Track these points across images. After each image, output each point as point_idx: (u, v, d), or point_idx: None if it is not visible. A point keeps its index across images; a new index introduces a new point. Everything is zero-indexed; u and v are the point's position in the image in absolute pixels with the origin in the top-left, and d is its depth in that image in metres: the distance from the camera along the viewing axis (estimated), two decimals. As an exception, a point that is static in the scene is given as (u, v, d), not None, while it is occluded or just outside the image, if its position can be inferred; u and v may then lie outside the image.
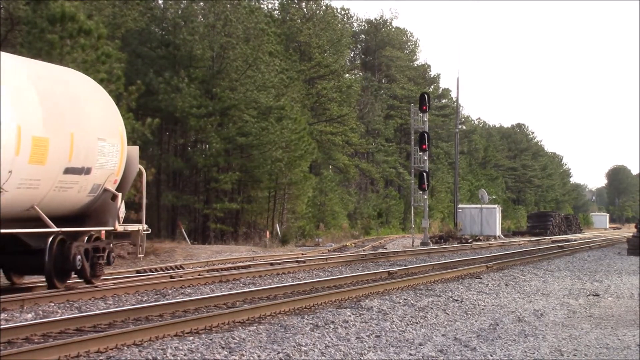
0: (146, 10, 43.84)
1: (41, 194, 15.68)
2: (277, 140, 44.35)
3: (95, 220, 17.41)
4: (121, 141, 17.81)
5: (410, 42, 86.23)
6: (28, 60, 16.88)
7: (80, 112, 16.63)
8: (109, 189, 17.48)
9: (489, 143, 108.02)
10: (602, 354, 11.54)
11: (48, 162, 15.49)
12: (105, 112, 17.62)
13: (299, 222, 49.65)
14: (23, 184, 15.08)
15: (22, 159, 14.86)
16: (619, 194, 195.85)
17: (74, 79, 17.47)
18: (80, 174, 16.47)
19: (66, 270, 16.60)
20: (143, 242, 18.43)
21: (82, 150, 16.38)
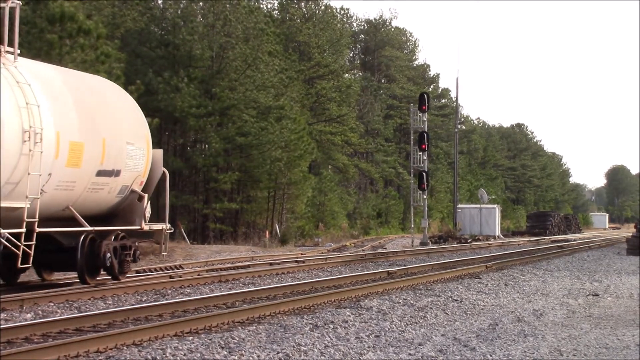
0: (145, 10, 43.83)
1: (76, 195, 16.72)
2: (277, 140, 44.34)
3: (123, 219, 18.40)
4: (147, 145, 18.84)
5: (409, 42, 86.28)
6: (62, 69, 17.95)
7: (110, 118, 17.71)
8: (136, 190, 18.51)
9: (489, 143, 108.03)
10: (601, 353, 11.54)
11: (83, 165, 16.59)
12: (132, 118, 18.70)
13: (299, 222, 49.65)
14: (60, 185, 16.11)
15: (60, 162, 15.90)
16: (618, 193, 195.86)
17: (104, 87, 18.63)
18: (110, 176, 17.54)
19: (96, 266, 17.55)
20: (166, 241, 19.44)
21: (113, 154, 17.46)
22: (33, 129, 15.10)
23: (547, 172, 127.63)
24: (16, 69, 15.62)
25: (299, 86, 53.45)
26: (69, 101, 16.44)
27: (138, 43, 42.58)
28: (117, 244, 17.96)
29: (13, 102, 14.94)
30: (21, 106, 15.05)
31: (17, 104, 14.99)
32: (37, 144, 15.18)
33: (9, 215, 15.03)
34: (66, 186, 16.32)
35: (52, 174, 15.69)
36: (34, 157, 15.11)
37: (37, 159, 15.16)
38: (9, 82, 15.12)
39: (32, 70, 16.08)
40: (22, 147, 14.95)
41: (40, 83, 15.82)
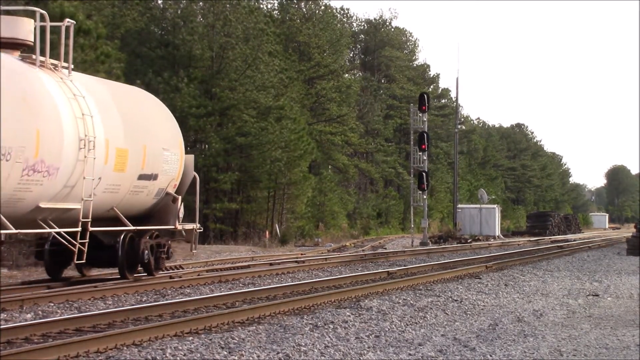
0: (145, 10, 43.82)
1: (120, 197, 18.23)
2: (277, 140, 44.34)
3: (158, 219, 19.77)
4: (180, 151, 20.31)
5: (409, 42, 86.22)
6: (107, 82, 19.76)
7: (149, 126, 19.26)
8: (170, 193, 19.88)
9: (489, 143, 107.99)
10: (601, 354, 11.54)
11: (127, 170, 18.11)
12: (168, 126, 20.25)
13: (299, 222, 49.64)
14: (108, 188, 17.62)
15: (109, 167, 17.46)
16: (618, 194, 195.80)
17: (142, 97, 20.27)
18: (149, 179, 18.97)
19: (135, 263, 18.91)
20: (196, 240, 20.84)
21: (152, 159, 18.92)
22: (87, 138, 16.60)
23: (547, 172, 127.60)
24: (72, 82, 17.00)
25: (299, 86, 53.43)
26: (115, 111, 17.95)
27: (138, 43, 42.56)
28: (153, 242, 19.31)
29: (71, 114, 16.35)
30: (77, 117, 16.48)
31: (74, 115, 16.42)
32: (90, 151, 16.65)
33: (63, 216, 16.50)
34: (112, 189, 17.82)
35: (101, 178, 17.19)
36: (88, 163, 16.62)
37: (90, 164, 16.69)
38: (67, 95, 16.53)
39: (84, 84, 17.54)
40: (78, 154, 16.41)
41: (91, 95, 17.29)
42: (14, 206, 15.30)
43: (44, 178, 15.60)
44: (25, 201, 15.46)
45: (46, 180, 15.69)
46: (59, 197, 16.21)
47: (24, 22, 16.95)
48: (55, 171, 15.83)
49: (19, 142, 14.88)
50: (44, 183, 15.66)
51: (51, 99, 16.02)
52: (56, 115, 15.96)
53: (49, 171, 15.66)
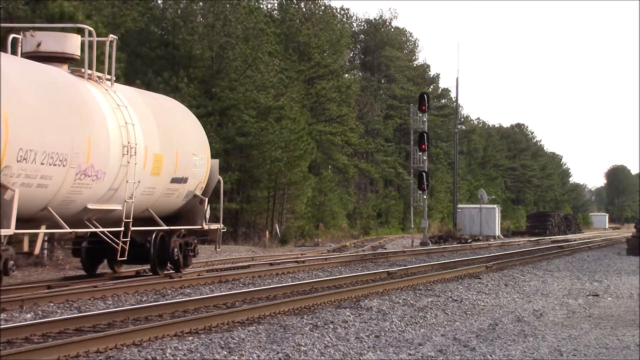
0: (145, 10, 43.80)
1: (154, 199, 19.58)
2: (277, 140, 44.34)
3: (186, 219, 21.06)
4: (207, 155, 21.71)
5: (409, 42, 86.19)
6: (142, 91, 21.20)
7: (180, 132, 20.67)
8: (198, 195, 21.18)
9: (489, 143, 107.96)
10: (601, 354, 11.54)
11: (162, 173, 19.50)
12: (196, 132, 21.69)
13: (299, 222, 49.64)
14: (145, 191, 18.93)
15: (147, 171, 18.81)
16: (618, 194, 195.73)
17: (173, 106, 21.76)
18: (180, 182, 20.34)
19: (165, 260, 20.14)
20: (220, 239, 22.05)
21: (183, 164, 20.30)
22: (130, 144, 18.02)
23: (547, 172, 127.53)
24: (114, 93, 18.39)
25: (299, 86, 53.43)
26: (151, 119, 19.33)
27: (138, 43, 42.54)
28: (182, 241, 20.53)
29: (115, 122, 17.73)
30: (121, 125, 17.86)
31: (118, 123, 17.80)
32: (132, 157, 18.06)
33: (106, 216, 17.98)
34: (149, 191, 19.15)
35: (140, 181, 18.51)
36: (130, 168, 18.03)
37: (132, 169, 18.09)
38: (111, 105, 17.92)
39: (124, 94, 18.89)
40: (122, 159, 17.80)
41: (131, 105, 18.65)
42: (67, 207, 16.58)
43: (93, 182, 17.01)
44: (76, 203, 16.80)
45: (94, 184, 17.09)
46: (104, 199, 17.62)
47: (72, 38, 18.27)
48: (103, 175, 17.26)
49: (73, 149, 16.14)
50: (93, 186, 17.05)
51: (99, 109, 17.41)
52: (104, 124, 17.34)
53: (97, 175, 17.10)
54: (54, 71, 17.20)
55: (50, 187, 15.78)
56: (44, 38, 18.00)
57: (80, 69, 18.03)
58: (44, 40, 17.93)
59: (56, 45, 17.96)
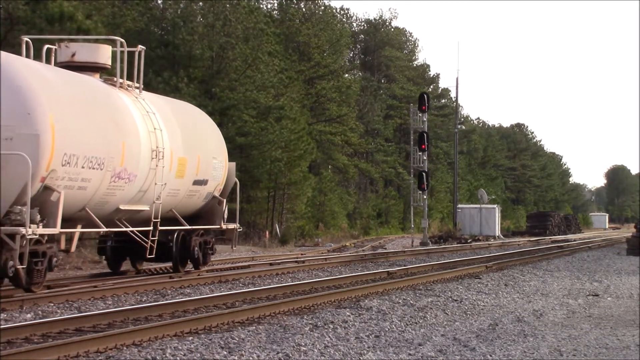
0: (145, 10, 43.77)
1: (178, 200, 20.65)
2: (277, 140, 44.32)
3: (206, 219, 22.09)
4: (225, 159, 22.77)
5: (409, 42, 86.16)
6: (167, 99, 22.46)
7: (201, 137, 21.75)
8: (216, 196, 22.29)
9: (489, 143, 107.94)
10: (601, 354, 11.55)
11: (185, 176, 20.58)
12: (215, 137, 22.72)
13: (298, 222, 49.63)
14: (170, 193, 19.98)
15: (172, 174, 19.88)
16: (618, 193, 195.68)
17: (194, 112, 23.03)
18: (201, 184, 21.38)
19: (186, 258, 21.16)
20: (236, 237, 23.40)
21: (204, 167, 21.35)
22: (158, 149, 19.09)
23: (547, 172, 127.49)
24: (143, 100, 19.54)
25: (298, 86, 53.40)
26: (176, 125, 20.40)
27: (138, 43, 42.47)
28: (201, 240, 21.51)
29: (145, 128, 18.79)
30: (150, 131, 18.91)
31: (147, 129, 18.84)
32: (160, 160, 19.14)
33: (135, 216, 19.13)
34: (174, 193, 20.24)
35: (166, 184, 19.58)
36: (158, 171, 19.09)
37: (160, 172, 19.18)
38: (141, 112, 19.00)
39: (151, 101, 20.05)
40: (150, 163, 18.84)
41: (159, 111, 19.80)
42: (102, 208, 17.68)
43: (125, 184, 18.06)
44: (110, 204, 17.89)
45: (127, 186, 18.13)
46: (134, 200, 18.68)
47: (104, 49, 19.49)
48: (134, 178, 18.30)
49: (109, 154, 17.26)
50: (125, 188, 18.10)
51: (131, 116, 18.51)
52: (135, 130, 18.40)
53: (130, 178, 18.14)
54: (90, 80, 18.42)
55: (89, 189, 16.88)
56: (78, 49, 19.16)
57: (113, 77, 19.24)
58: (78, 51, 19.05)
59: (89, 55, 19.09)
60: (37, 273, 15.86)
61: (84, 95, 17.39)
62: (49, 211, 15.58)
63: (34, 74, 16.05)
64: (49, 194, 15.61)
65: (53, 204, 15.64)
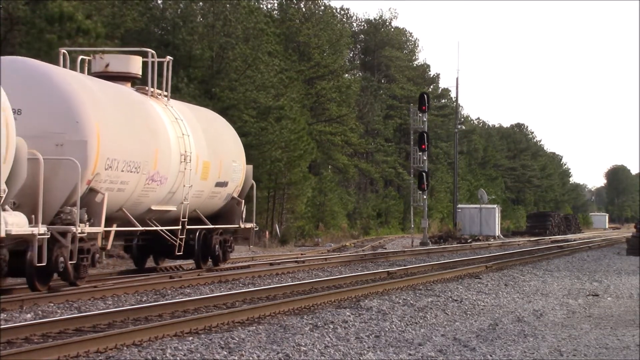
0: (145, 10, 43.75)
1: (201, 201, 22.06)
2: (277, 140, 44.30)
3: (226, 219, 23.49)
4: (243, 162, 24.34)
5: (409, 42, 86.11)
6: (191, 106, 23.96)
7: (222, 142, 23.37)
8: (235, 197, 23.72)
9: (489, 143, 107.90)
10: (601, 354, 11.54)
11: (209, 178, 22.04)
12: (234, 141, 24.40)
13: (298, 222, 49.60)
14: (195, 194, 21.35)
15: (197, 177, 21.33)
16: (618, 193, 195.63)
17: (215, 118, 24.57)
18: (222, 186, 22.91)
19: (207, 255, 22.54)
20: (253, 236, 25.12)
21: (225, 170, 22.93)
22: (186, 153, 20.56)
23: (547, 172, 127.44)
24: (172, 108, 21.00)
25: (298, 86, 53.37)
26: (200, 131, 21.83)
27: (138, 43, 42.48)
28: (221, 238, 22.90)
29: (174, 134, 20.29)
30: (179, 136, 20.43)
31: (176, 135, 20.35)
32: (187, 164, 20.59)
33: (163, 216, 20.48)
34: (198, 194, 21.61)
35: (192, 186, 20.94)
36: (186, 174, 20.56)
37: (187, 175, 20.65)
38: (170, 119, 20.46)
39: (178, 108, 21.49)
40: (179, 166, 20.26)
41: (185, 118, 21.22)
42: (136, 208, 19.03)
43: (158, 186, 19.47)
44: (143, 204, 19.31)
45: (158, 188, 19.55)
46: (164, 201, 20.12)
47: (135, 60, 20.82)
48: (165, 180, 19.71)
49: (145, 158, 18.66)
50: (157, 190, 19.52)
51: (162, 123, 19.98)
52: (167, 136, 19.89)
53: (161, 181, 19.54)
54: (127, 90, 20.00)
55: (127, 190, 18.27)
56: (112, 60, 20.54)
57: (145, 87, 20.75)
58: (111, 62, 20.42)
59: (122, 66, 20.45)
60: (83, 268, 17.10)
61: (123, 104, 18.90)
62: (93, 211, 17.04)
63: (80, 85, 17.45)
64: (93, 196, 17.08)
65: (97, 205, 17.10)
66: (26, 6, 28.61)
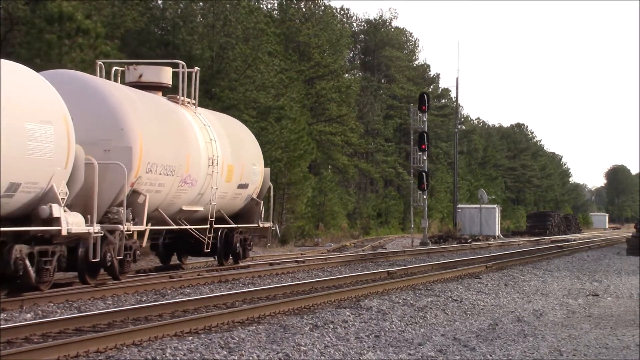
0: (145, 10, 43.74)
1: (225, 202, 23.41)
2: (277, 140, 44.28)
3: (246, 219, 24.88)
4: (261, 165, 25.87)
5: (409, 42, 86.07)
6: (215, 112, 25.43)
7: (244, 146, 24.85)
8: (254, 198, 25.15)
9: (489, 143, 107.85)
10: (601, 353, 11.54)
11: (232, 181, 23.48)
12: (254, 146, 25.88)
13: (298, 222, 49.58)
14: (220, 195, 22.68)
15: (223, 179, 22.74)
16: (618, 193, 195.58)
17: (236, 124, 25.99)
18: (243, 188, 24.37)
19: (228, 253, 23.89)
20: (270, 235, 26.83)
21: (246, 172, 24.39)
22: (214, 157, 21.98)
23: (547, 172, 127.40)
24: (200, 115, 22.49)
25: (299, 86, 53.34)
26: (225, 136, 23.24)
27: (138, 43, 42.47)
28: (242, 237, 24.26)
29: (203, 139, 21.70)
30: (207, 142, 21.87)
31: (204, 140, 21.76)
32: (215, 167, 22.01)
33: (192, 216, 21.85)
34: (223, 195, 22.90)
35: (218, 188, 22.33)
36: (213, 176, 22.00)
37: (214, 178, 22.09)
38: (199, 125, 21.94)
39: (205, 116, 22.90)
40: (207, 170, 21.69)
41: (211, 125, 22.62)
42: (169, 209, 20.48)
43: (189, 188, 20.90)
44: (175, 205, 20.75)
45: (189, 190, 20.98)
46: (193, 202, 21.48)
47: (166, 70, 22.25)
48: (195, 182, 21.13)
49: (179, 162, 20.15)
50: (188, 191, 20.94)
51: (193, 130, 21.45)
52: (197, 142, 21.37)
53: (192, 183, 20.98)
54: (162, 100, 21.53)
55: (163, 192, 19.76)
56: (145, 71, 21.91)
57: (176, 95, 22.19)
58: (144, 73, 21.82)
59: (154, 76, 21.90)
60: (126, 264, 18.62)
61: (159, 112, 20.52)
62: (136, 211, 18.55)
63: (123, 95, 19.09)
64: (136, 197, 18.55)
65: (140, 205, 18.60)
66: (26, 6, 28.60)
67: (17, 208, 15.17)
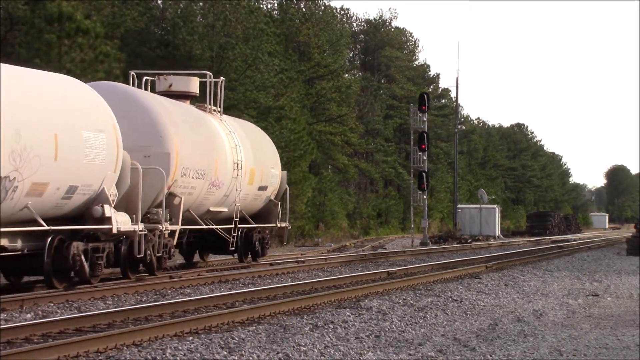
0: (145, 10, 43.73)
1: (247, 203, 24.82)
2: (277, 140, 44.24)
3: (264, 219, 26.22)
4: (279, 168, 27.49)
5: (409, 42, 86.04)
6: (237, 119, 26.94)
7: (263, 151, 26.31)
8: (272, 199, 26.67)
9: (489, 143, 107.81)
10: (601, 354, 11.54)
11: (253, 183, 24.99)
12: (272, 150, 27.43)
13: (299, 222, 49.57)
14: (242, 197, 24.12)
15: (245, 182, 24.24)
16: (618, 194, 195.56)
17: (256, 129, 27.50)
18: (263, 190, 25.86)
19: (247, 251, 25.23)
20: (286, 234, 28.30)
21: (265, 175, 25.89)
22: (238, 162, 23.50)
23: (547, 172, 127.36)
24: (225, 122, 24.03)
25: (299, 86, 53.34)
26: (247, 142, 24.78)
27: (138, 43, 42.46)
28: (260, 236, 25.60)
29: (229, 145, 23.29)
30: (232, 147, 23.40)
31: (230, 146, 23.34)
32: (239, 171, 23.53)
33: (217, 216, 23.35)
34: (244, 197, 24.32)
35: (241, 190, 23.85)
36: (237, 180, 23.49)
37: (239, 181, 23.63)
38: (225, 131, 23.47)
39: (229, 123, 24.42)
40: (232, 173, 23.16)
41: (235, 131, 24.12)
42: (198, 209, 21.89)
43: (216, 190, 22.34)
44: (204, 206, 22.16)
45: (217, 192, 22.41)
46: (219, 203, 22.91)
47: (194, 80, 23.73)
48: (222, 185, 22.57)
49: (208, 166, 21.58)
50: (215, 194, 22.38)
51: (220, 136, 22.95)
52: (223, 147, 22.88)
53: (219, 186, 22.40)
54: (192, 108, 22.94)
55: (194, 194, 21.16)
56: (174, 80, 23.36)
57: (203, 104, 23.72)
58: (174, 82, 23.26)
59: (183, 85, 23.31)
60: (163, 261, 20.03)
61: (191, 120, 21.91)
62: (172, 212, 20.04)
63: (160, 105, 20.54)
64: (172, 199, 20.00)
65: (176, 207, 20.08)
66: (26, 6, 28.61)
67: (73, 208, 16.71)
